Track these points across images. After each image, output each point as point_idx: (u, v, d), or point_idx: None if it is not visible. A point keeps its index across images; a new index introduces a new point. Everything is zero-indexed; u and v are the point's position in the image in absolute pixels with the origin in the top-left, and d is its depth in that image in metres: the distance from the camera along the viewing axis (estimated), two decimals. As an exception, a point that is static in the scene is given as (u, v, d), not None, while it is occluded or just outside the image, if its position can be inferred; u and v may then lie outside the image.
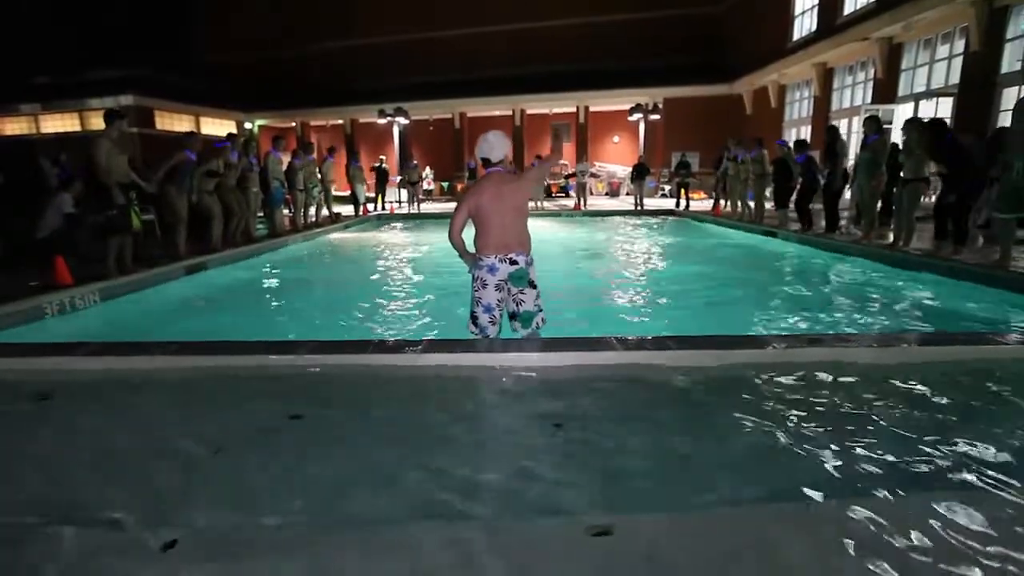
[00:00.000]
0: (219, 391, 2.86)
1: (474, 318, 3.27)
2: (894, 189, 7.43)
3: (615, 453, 2.15)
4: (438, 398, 2.69)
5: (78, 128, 20.03)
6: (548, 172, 3.47)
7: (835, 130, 8.64)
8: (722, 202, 12.95)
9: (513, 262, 3.16)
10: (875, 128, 7.22)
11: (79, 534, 1.71)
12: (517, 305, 3.27)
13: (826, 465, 2.04)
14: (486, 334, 3.26)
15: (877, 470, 1.99)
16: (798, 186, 9.10)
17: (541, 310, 3.33)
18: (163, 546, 1.63)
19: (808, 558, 1.56)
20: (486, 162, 3.23)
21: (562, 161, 22.15)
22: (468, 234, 3.24)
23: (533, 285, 3.26)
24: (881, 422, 2.35)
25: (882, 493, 1.84)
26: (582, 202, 15.61)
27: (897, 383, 2.75)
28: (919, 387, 2.71)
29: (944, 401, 2.57)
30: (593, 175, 19.76)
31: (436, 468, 2.06)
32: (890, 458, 2.07)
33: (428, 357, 3.09)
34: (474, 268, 3.25)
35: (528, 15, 21.82)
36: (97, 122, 5.85)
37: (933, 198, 7.46)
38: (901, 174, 6.78)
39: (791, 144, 9.76)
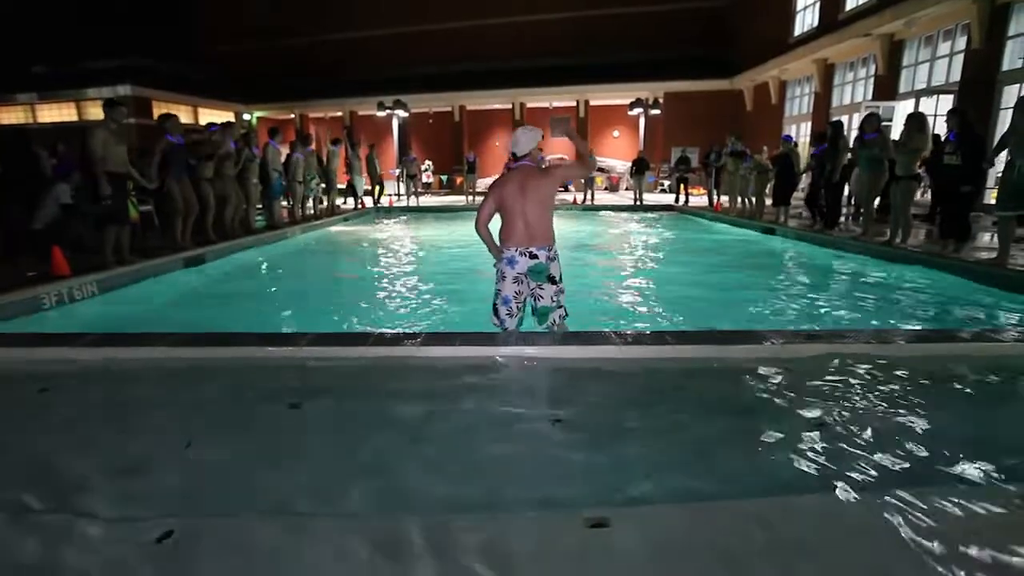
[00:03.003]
0: (217, 382, 2.86)
1: (495, 310, 3.30)
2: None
3: (613, 447, 2.16)
4: (436, 390, 2.69)
5: (75, 118, 19.89)
6: (575, 176, 3.52)
7: (840, 125, 8.61)
8: (715, 197, 12.98)
9: (533, 256, 3.16)
10: (875, 126, 7.20)
11: (75, 524, 1.71)
12: (536, 300, 3.27)
13: (820, 458, 2.04)
14: (505, 327, 3.27)
15: (869, 464, 2.00)
16: (801, 183, 9.06)
17: (561, 306, 3.31)
18: (159, 537, 1.63)
19: (804, 550, 1.56)
20: (513, 156, 3.26)
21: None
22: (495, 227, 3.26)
23: (552, 280, 3.24)
24: (871, 417, 2.36)
25: (877, 487, 1.85)
26: (590, 197, 15.41)
27: (892, 378, 2.76)
28: (914, 381, 2.71)
29: (941, 396, 2.58)
30: (602, 169, 19.57)
31: (434, 460, 2.07)
32: (884, 454, 2.08)
33: (427, 350, 3.09)
34: (498, 260, 3.28)
35: (527, 8, 21.65)
36: (95, 111, 5.79)
37: (929, 195, 7.38)
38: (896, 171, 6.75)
39: (799, 139, 9.69)
